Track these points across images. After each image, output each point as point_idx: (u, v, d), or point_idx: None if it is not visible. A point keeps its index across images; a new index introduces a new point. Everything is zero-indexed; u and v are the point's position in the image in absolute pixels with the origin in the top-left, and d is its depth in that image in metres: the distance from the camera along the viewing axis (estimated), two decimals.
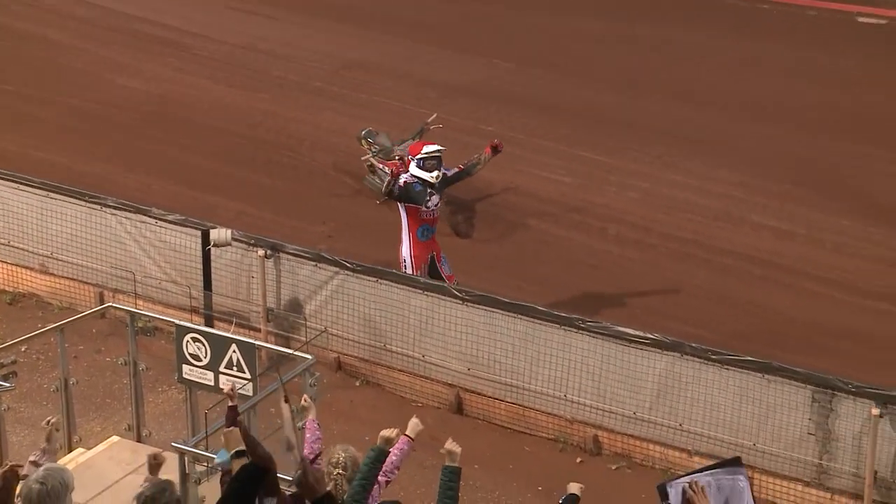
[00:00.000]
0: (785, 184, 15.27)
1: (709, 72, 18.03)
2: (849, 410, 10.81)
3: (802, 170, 15.52)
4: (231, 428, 8.57)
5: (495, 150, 12.54)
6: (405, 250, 12.56)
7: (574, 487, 7.95)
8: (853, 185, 15.21)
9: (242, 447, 8.49)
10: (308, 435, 8.88)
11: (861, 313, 13.12)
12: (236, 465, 8.64)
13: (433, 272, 12.59)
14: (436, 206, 12.46)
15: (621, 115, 16.88)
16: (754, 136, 16.27)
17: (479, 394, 12.27)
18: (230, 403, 9.08)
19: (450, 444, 7.90)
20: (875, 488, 10.82)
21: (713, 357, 11.22)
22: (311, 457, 8.65)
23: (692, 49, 18.71)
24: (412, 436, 8.82)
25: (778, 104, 17.02)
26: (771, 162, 15.70)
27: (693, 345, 11.38)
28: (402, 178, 12.32)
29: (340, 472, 8.12)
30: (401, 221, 12.53)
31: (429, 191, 12.35)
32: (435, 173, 12.37)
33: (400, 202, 12.38)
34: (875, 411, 10.60)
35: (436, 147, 12.52)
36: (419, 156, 12.44)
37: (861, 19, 19.44)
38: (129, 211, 13.45)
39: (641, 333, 11.51)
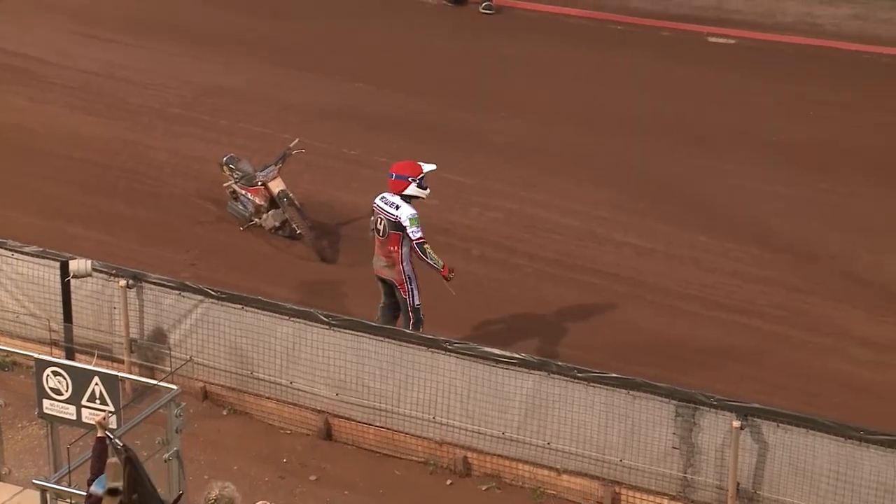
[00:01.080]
0: (644, 202, 15.48)
1: (566, 91, 18.20)
2: (711, 424, 11.00)
3: (660, 187, 15.74)
4: (115, 461, 8.44)
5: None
6: (410, 269, 12.56)
7: None
8: (708, 201, 15.46)
9: (118, 484, 8.37)
10: None
11: (720, 327, 13.36)
12: (107, 501, 8.50)
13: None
14: None
15: (484, 136, 16.98)
16: (613, 154, 16.47)
17: (348, 419, 12.24)
18: (99, 434, 8.92)
19: None
20: (738, 499, 11.02)
21: (579, 375, 11.34)
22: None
23: (549, 68, 18.87)
24: None
25: (633, 121, 17.26)
26: (630, 180, 15.91)
27: (559, 363, 11.51)
28: (411, 211, 12.44)
29: None
30: (399, 244, 12.52)
31: None
32: (428, 191, 12.62)
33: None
34: (736, 424, 10.79)
35: (432, 165, 12.71)
36: (421, 175, 12.57)
37: (712, 39, 19.82)
38: None
39: (508, 353, 11.60)
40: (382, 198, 12.75)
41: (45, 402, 10.57)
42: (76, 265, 12.55)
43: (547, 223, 15.12)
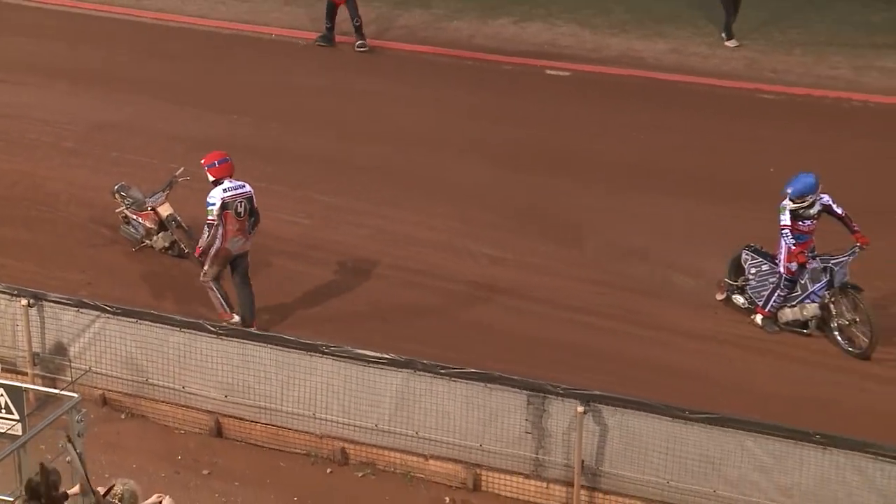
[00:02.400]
0: (494, 215, 15.65)
1: (424, 120, 18.31)
2: (558, 410, 11.18)
3: (508, 203, 15.91)
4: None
5: None
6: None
7: None
8: (551, 215, 15.68)
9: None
10: None
11: (564, 325, 13.54)
12: None
13: None
14: None
15: (351, 161, 16.99)
16: (466, 175, 16.59)
17: (236, 418, 12.18)
18: None
19: None
20: (583, 475, 11.22)
21: (442, 371, 11.45)
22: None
23: (409, 100, 18.99)
24: None
25: (483, 146, 17.41)
26: (481, 197, 16.05)
27: (424, 361, 11.58)
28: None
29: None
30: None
31: None
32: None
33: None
34: (580, 409, 10.99)
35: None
36: None
37: (549, 72, 20.11)
38: None
39: (378, 354, 11.64)
40: (228, 187, 13.03)
41: None
42: None
43: (410, 237, 15.19)
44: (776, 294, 13.21)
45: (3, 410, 10.19)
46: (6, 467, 9.82)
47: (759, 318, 13.37)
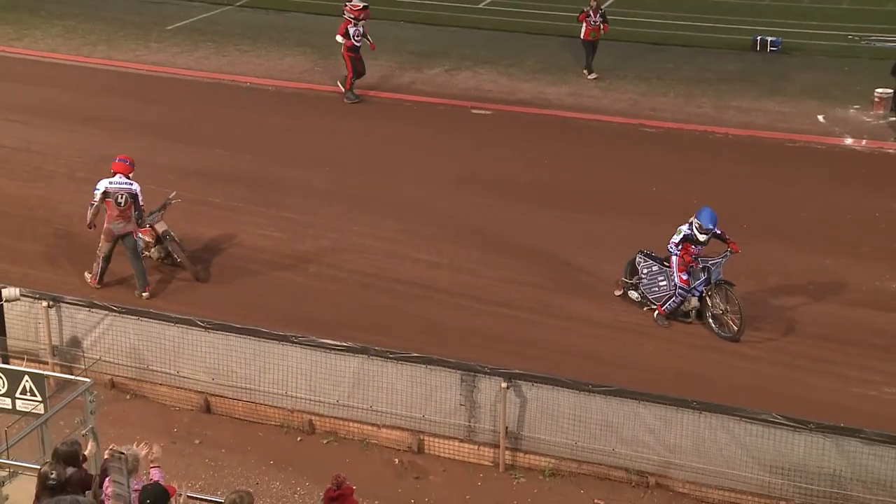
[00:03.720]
0: (432, 228, 15.65)
1: (373, 151, 18.28)
2: (487, 386, 11.19)
3: (443, 218, 15.92)
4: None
5: None
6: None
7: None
8: (480, 227, 15.69)
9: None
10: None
11: (490, 317, 13.53)
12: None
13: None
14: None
15: (312, 185, 16.91)
16: (408, 196, 16.58)
17: (222, 396, 12.05)
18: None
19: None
20: (507, 438, 11.24)
21: (391, 356, 11.42)
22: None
23: (363, 135, 18.95)
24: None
25: (423, 173, 17.42)
26: (420, 214, 16.04)
27: (377, 348, 11.54)
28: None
29: None
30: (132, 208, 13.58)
31: None
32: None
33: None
34: (504, 385, 11.02)
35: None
36: None
37: (474, 111, 20.18)
38: None
39: (338, 342, 11.59)
40: (114, 181, 13.47)
41: None
42: (8, 292, 12.13)
43: (363, 247, 15.13)
44: (671, 301, 13.22)
45: (28, 394, 10.07)
46: (32, 440, 9.69)
47: (656, 314, 13.39)
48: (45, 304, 12.23)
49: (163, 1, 27.01)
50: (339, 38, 20.25)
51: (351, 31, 20.10)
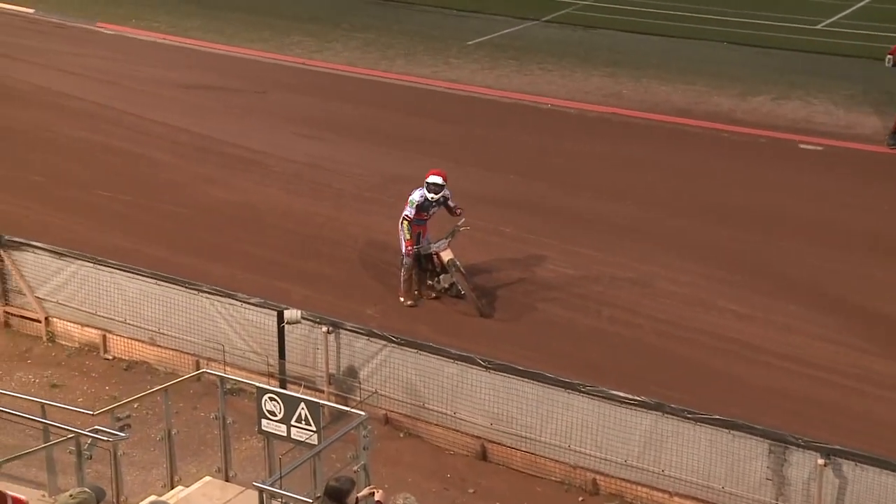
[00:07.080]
0: (742, 275, 15.17)
1: (678, 186, 18.01)
2: (800, 460, 10.80)
3: (756, 265, 15.41)
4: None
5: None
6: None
7: None
8: (797, 277, 15.12)
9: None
10: None
11: (804, 379, 12.97)
12: None
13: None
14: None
15: (611, 219, 16.82)
16: (717, 238, 16.19)
17: (500, 444, 12.24)
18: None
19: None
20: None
21: (689, 415, 11.27)
22: None
23: (660, 166, 18.73)
24: None
25: (734, 214, 16.96)
26: (731, 259, 15.61)
27: (672, 406, 11.40)
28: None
29: None
30: None
31: None
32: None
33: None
34: (821, 461, 10.61)
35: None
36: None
37: (802, 146, 19.47)
38: (220, 295, 13.60)
39: (630, 395, 11.53)
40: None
41: (263, 421, 10.84)
42: (289, 314, 12.86)
43: (663, 291, 14.88)
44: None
45: (304, 422, 10.64)
46: (304, 472, 10.21)
47: None
48: (325, 329, 12.89)
49: (465, 14, 27.95)
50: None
51: None
